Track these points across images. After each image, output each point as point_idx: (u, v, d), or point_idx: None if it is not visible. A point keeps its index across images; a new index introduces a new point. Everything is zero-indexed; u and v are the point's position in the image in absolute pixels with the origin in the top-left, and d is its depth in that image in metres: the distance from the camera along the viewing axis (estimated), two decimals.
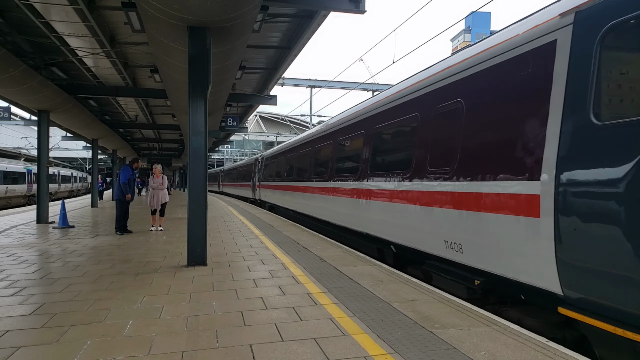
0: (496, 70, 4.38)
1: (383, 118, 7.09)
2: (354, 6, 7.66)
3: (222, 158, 63.77)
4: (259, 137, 58.85)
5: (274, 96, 15.28)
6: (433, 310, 3.98)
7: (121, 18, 8.42)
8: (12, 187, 28.44)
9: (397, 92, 6.69)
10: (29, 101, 12.03)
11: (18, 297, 4.44)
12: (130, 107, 17.89)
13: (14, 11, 8.17)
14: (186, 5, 5.42)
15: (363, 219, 7.55)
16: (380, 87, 30.90)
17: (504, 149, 4.11)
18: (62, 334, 3.39)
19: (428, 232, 5.37)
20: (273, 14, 8.67)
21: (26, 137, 43.33)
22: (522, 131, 3.90)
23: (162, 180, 10.59)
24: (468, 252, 4.57)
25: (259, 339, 3.28)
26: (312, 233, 9.86)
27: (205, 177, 6.22)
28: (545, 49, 3.74)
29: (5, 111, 19.18)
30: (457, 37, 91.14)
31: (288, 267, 6.03)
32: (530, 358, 2.92)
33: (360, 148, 7.88)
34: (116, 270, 5.77)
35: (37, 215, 12.38)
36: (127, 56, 11.17)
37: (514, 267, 3.92)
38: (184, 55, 6.85)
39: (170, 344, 3.19)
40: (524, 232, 3.75)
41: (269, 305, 4.19)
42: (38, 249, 7.55)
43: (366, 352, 3.05)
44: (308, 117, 33.87)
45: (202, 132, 6.16)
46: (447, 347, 3.13)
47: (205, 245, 6.25)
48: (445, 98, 5.26)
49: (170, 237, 9.12)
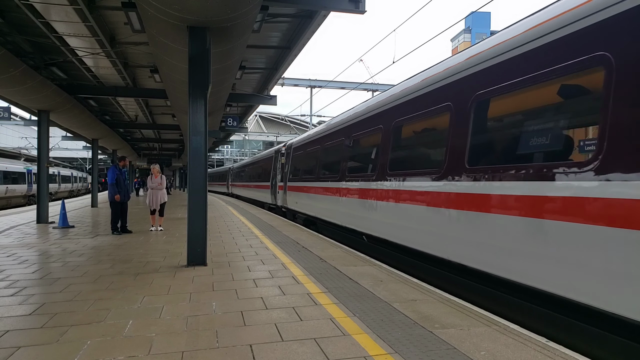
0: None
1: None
2: (354, 6, 7.67)
3: (222, 158, 63.81)
4: (259, 137, 58.90)
5: (274, 96, 15.29)
6: (433, 310, 3.98)
7: (121, 18, 8.42)
8: (12, 187, 28.45)
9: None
10: (29, 101, 12.04)
11: (18, 297, 4.44)
12: (130, 107, 17.90)
13: (14, 11, 8.17)
14: (186, 5, 5.42)
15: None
16: (380, 87, 30.91)
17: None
18: (62, 334, 3.39)
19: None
20: (273, 14, 8.67)
21: (26, 137, 43.40)
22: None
23: (161, 180, 10.60)
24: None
25: (259, 339, 3.28)
26: (312, 233, 9.86)
27: (205, 177, 6.22)
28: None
29: (5, 111, 19.19)
30: (457, 37, 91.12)
31: (288, 267, 6.02)
32: (530, 358, 2.92)
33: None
34: (116, 270, 5.77)
35: (37, 215, 12.39)
36: (127, 56, 11.17)
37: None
38: (184, 55, 6.85)
39: (170, 344, 3.19)
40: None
41: (269, 305, 4.19)
42: (38, 249, 7.54)
43: (366, 352, 3.05)
44: (308, 117, 33.88)
45: (202, 132, 6.16)
46: (447, 347, 3.13)
47: (205, 245, 6.24)
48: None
49: (170, 237, 9.12)
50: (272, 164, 17.57)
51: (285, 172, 14.83)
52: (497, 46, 4.48)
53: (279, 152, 16.51)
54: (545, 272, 3.56)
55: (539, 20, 3.99)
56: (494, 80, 4.43)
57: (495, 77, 4.43)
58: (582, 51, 3.42)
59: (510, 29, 4.48)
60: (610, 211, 3.02)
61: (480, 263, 4.41)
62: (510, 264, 3.97)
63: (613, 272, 2.99)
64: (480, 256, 4.39)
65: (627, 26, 3.06)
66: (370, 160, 7.53)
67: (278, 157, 16.41)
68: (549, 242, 3.52)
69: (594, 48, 3.31)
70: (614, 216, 2.98)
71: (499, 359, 2.92)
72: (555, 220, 3.47)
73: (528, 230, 3.75)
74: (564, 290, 3.38)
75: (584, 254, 3.19)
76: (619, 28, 3.12)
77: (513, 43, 4.23)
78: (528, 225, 3.75)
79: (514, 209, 3.93)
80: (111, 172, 9.73)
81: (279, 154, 16.38)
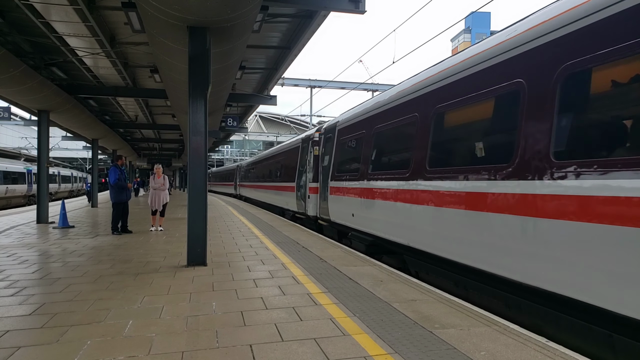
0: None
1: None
2: (354, 6, 7.67)
3: (222, 158, 63.81)
4: (259, 137, 58.90)
5: (274, 96, 15.28)
6: (433, 310, 3.98)
7: (121, 18, 8.42)
8: (12, 187, 28.46)
9: None
10: (29, 101, 12.04)
11: (18, 297, 4.44)
12: (130, 107, 17.91)
13: (14, 11, 8.17)
14: (186, 5, 5.42)
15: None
16: (380, 87, 30.90)
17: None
18: (62, 334, 3.39)
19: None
20: (273, 14, 8.67)
21: (26, 137, 43.38)
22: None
23: (164, 181, 10.58)
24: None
25: (259, 339, 3.28)
26: (311, 233, 9.86)
27: (205, 177, 6.23)
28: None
29: (5, 111, 19.19)
30: (457, 37, 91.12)
31: (288, 267, 6.02)
32: (530, 358, 2.92)
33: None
34: (116, 270, 5.77)
35: (37, 215, 12.39)
36: (127, 56, 11.18)
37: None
38: (184, 55, 6.85)
39: (170, 344, 3.19)
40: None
41: (269, 305, 4.19)
42: (38, 249, 7.54)
43: (366, 352, 3.05)
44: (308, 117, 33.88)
45: (202, 132, 6.16)
46: (447, 347, 3.13)
47: (205, 245, 6.24)
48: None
49: (170, 237, 9.12)
50: (299, 157, 13.33)
51: (325, 167, 10.48)
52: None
53: (309, 140, 12.20)
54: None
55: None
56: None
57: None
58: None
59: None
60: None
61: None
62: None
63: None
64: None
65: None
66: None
67: (308, 148, 12.16)
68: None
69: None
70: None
71: (499, 359, 2.92)
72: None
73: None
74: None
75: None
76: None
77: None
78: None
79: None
80: (113, 172, 9.73)
81: (309, 142, 12.13)
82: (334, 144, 9.92)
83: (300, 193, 12.69)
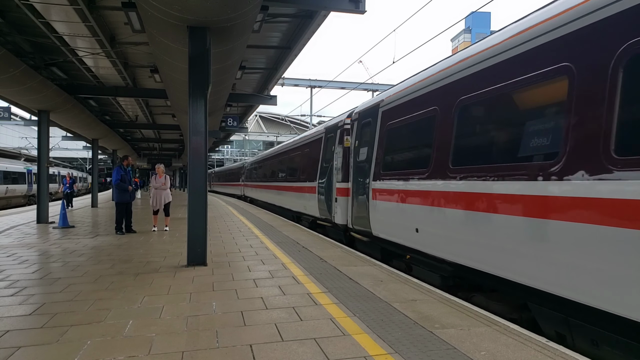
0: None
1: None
2: (354, 6, 7.66)
3: (222, 158, 63.80)
4: (259, 137, 58.89)
5: (274, 96, 15.28)
6: (433, 310, 3.98)
7: (121, 18, 8.42)
8: (12, 187, 28.46)
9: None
10: (29, 101, 12.04)
11: (18, 297, 4.44)
12: (130, 107, 17.90)
13: (14, 11, 8.17)
14: (186, 5, 5.42)
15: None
16: (380, 87, 30.90)
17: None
18: (62, 334, 3.39)
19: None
20: (273, 14, 8.67)
21: (26, 137, 43.39)
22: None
23: (165, 180, 10.58)
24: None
25: (259, 339, 3.28)
26: (311, 233, 9.85)
27: (205, 177, 6.23)
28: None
29: (5, 111, 19.17)
30: (457, 37, 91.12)
31: (288, 267, 6.02)
32: (530, 358, 2.92)
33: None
34: (116, 270, 5.77)
35: (37, 215, 12.39)
36: (127, 56, 11.17)
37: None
38: (184, 55, 6.85)
39: (170, 344, 3.19)
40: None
41: (269, 305, 4.19)
42: (38, 249, 7.54)
43: (366, 352, 3.05)
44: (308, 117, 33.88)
45: (202, 132, 6.16)
46: (447, 347, 3.13)
47: (205, 245, 6.24)
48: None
49: (171, 237, 9.12)
50: (321, 151, 10.81)
51: (360, 163, 8.13)
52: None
53: (337, 129, 9.62)
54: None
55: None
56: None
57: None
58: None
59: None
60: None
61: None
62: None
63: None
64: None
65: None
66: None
67: (335, 139, 9.62)
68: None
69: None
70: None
71: (499, 359, 2.92)
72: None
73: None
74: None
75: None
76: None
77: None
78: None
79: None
80: (116, 172, 9.74)
81: (336, 132, 9.58)
82: (377, 131, 7.41)
83: (323, 195, 10.25)
